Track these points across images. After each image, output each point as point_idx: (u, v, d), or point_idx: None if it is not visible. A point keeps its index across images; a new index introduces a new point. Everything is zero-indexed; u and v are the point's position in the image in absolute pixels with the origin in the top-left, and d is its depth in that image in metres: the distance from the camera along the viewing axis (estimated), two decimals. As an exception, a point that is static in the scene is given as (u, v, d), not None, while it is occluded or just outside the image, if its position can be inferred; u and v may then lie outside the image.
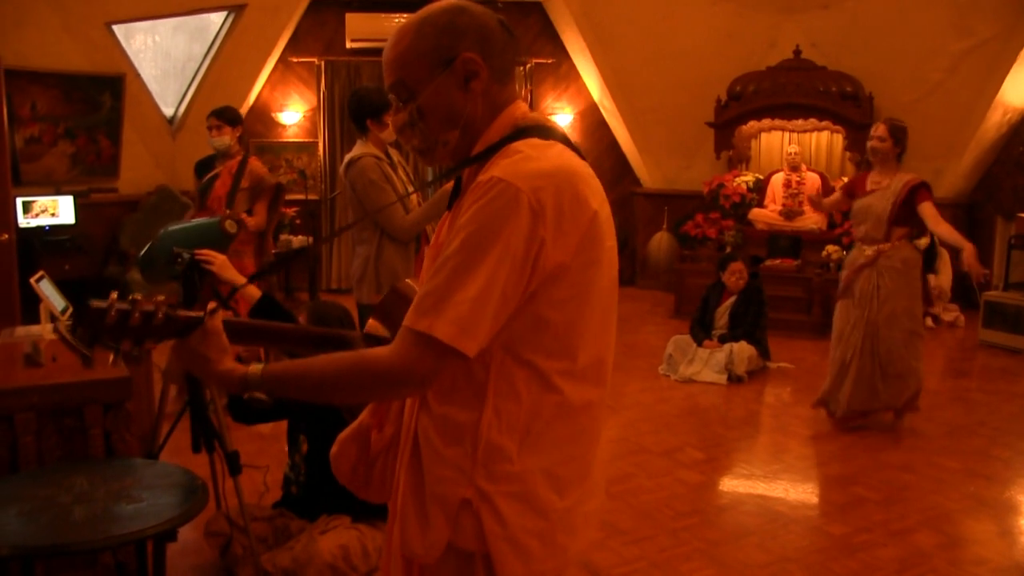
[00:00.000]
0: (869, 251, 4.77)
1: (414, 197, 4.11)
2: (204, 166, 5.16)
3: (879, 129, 4.73)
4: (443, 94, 1.43)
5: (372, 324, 1.63)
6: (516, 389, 1.37)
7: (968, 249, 4.37)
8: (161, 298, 1.38)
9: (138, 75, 7.98)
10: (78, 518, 2.14)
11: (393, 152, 4.16)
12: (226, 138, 5.00)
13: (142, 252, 4.15)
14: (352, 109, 4.04)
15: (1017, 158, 8.06)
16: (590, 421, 1.45)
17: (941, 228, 4.59)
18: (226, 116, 5.05)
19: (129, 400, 2.77)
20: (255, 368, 1.38)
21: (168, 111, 8.57)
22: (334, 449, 1.64)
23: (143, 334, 1.36)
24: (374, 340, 1.59)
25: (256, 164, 5.13)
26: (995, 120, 7.82)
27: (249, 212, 4.96)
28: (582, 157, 1.47)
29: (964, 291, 8.23)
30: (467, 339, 1.29)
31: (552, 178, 1.33)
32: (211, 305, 1.42)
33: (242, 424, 3.29)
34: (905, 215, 4.67)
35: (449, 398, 1.39)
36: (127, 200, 8.08)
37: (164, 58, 8.77)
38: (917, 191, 4.61)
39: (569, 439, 1.43)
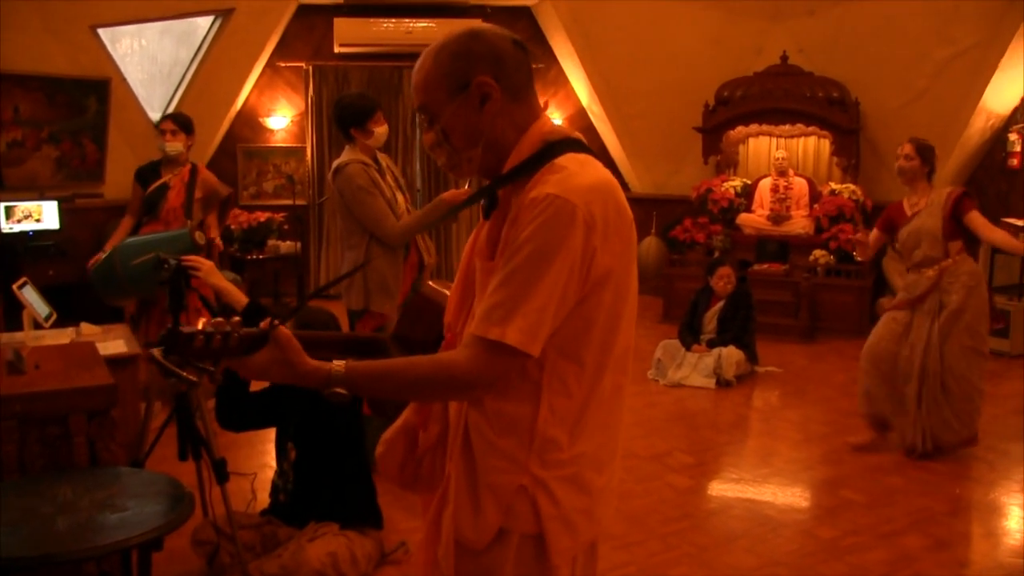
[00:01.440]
0: (931, 272, 4.48)
1: (402, 201, 4.10)
2: (147, 173, 5.01)
3: (905, 148, 4.52)
4: (461, 116, 1.55)
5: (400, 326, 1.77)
6: (567, 385, 1.51)
7: None
8: (236, 319, 1.45)
9: (124, 79, 7.94)
10: (61, 528, 2.11)
11: (382, 157, 4.16)
12: (180, 145, 4.91)
13: (95, 267, 4.07)
14: (336, 118, 4.03)
15: (1000, 164, 8.10)
16: (619, 404, 1.62)
17: (995, 235, 4.43)
18: (183, 122, 4.96)
19: (115, 408, 2.74)
20: (339, 365, 1.46)
21: (155, 116, 8.51)
22: (380, 449, 1.72)
23: (221, 355, 1.43)
24: (403, 342, 1.71)
25: (207, 174, 5.06)
26: (978, 126, 7.86)
27: (202, 223, 4.91)
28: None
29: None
30: (535, 343, 1.44)
31: (599, 192, 1.48)
32: (267, 320, 1.48)
33: (229, 431, 3.27)
34: (955, 228, 4.42)
35: (503, 395, 1.51)
36: (113, 205, 8.00)
37: (151, 62, 8.72)
38: (960, 201, 4.40)
39: (605, 423, 1.59)
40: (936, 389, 4.50)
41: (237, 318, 1.45)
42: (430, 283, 1.77)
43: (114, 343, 3.69)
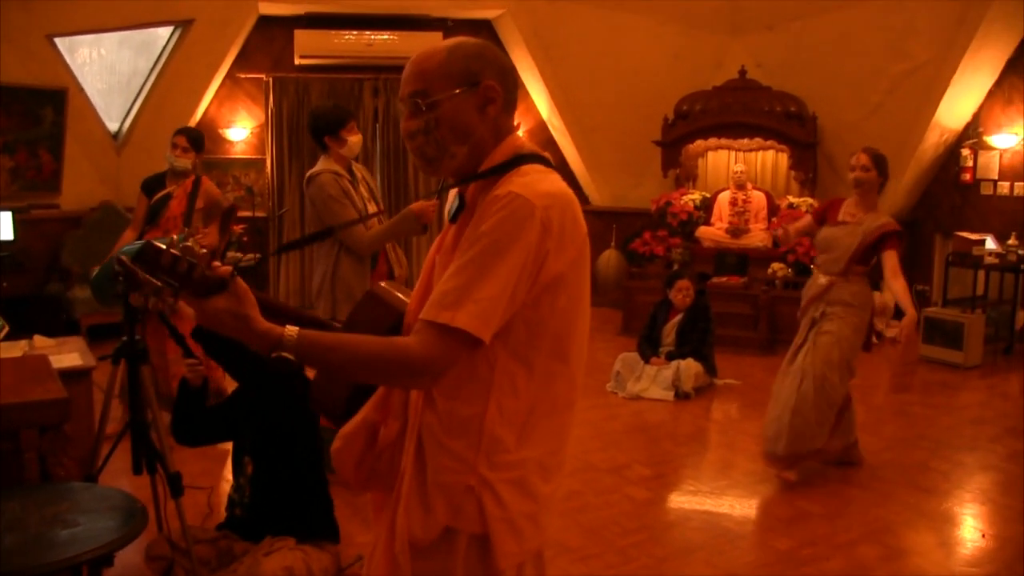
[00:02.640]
0: (823, 280, 4.49)
1: (374, 210, 4.14)
2: (153, 185, 5.04)
3: (860, 159, 4.40)
4: (462, 110, 1.61)
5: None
6: (516, 387, 1.56)
7: (910, 317, 4.18)
8: (205, 251, 1.46)
9: (82, 89, 7.84)
10: (8, 546, 2.07)
11: (358, 168, 4.21)
12: (188, 162, 4.95)
13: (94, 274, 4.09)
14: (310, 127, 4.11)
15: (953, 178, 8.28)
16: (570, 417, 1.67)
17: (897, 283, 4.28)
18: (196, 139, 5.01)
19: (67, 422, 2.70)
20: (291, 330, 1.47)
21: (113, 126, 8.42)
22: (337, 444, 1.71)
23: (183, 282, 1.44)
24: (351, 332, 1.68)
25: (210, 185, 5.09)
26: (932, 141, 8.02)
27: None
28: None
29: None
30: (485, 328, 1.47)
31: (558, 199, 1.55)
32: (229, 268, 1.49)
33: (185, 446, 3.23)
34: (868, 257, 4.40)
35: (455, 394, 1.55)
36: (70, 216, 7.91)
37: (109, 72, 8.62)
38: (888, 238, 4.33)
39: (554, 433, 1.63)
40: (806, 396, 4.41)
41: (205, 251, 1.47)
42: (382, 283, 1.79)
43: (68, 356, 3.63)
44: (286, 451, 3.01)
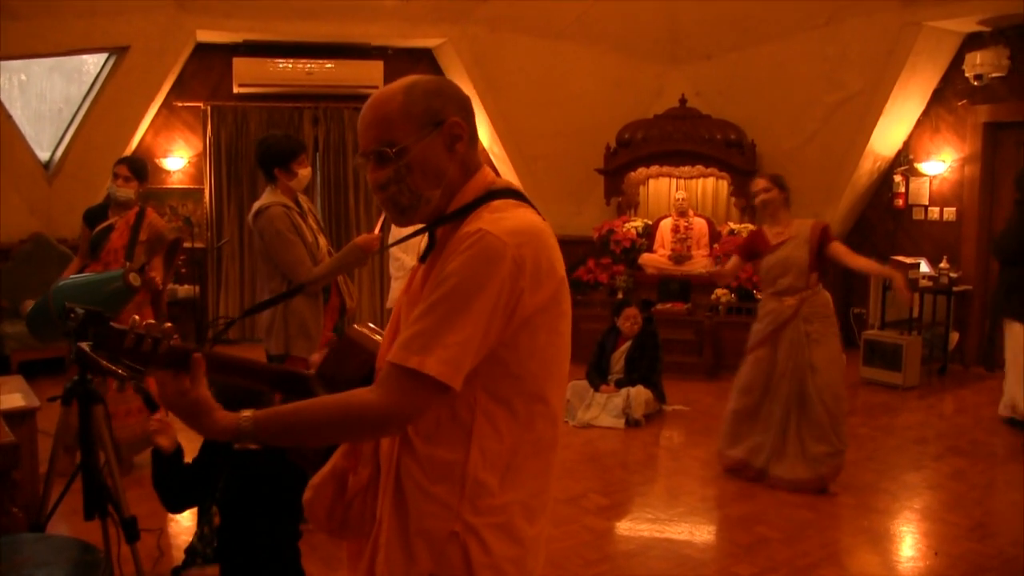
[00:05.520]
0: (791, 301, 4.69)
1: (324, 244, 4.06)
2: (96, 215, 4.90)
3: (760, 183, 4.76)
4: (431, 152, 1.53)
5: (315, 360, 1.71)
6: (498, 429, 1.50)
7: (898, 278, 4.53)
8: (169, 325, 1.41)
9: (9, 116, 7.58)
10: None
11: (303, 200, 4.13)
12: (131, 191, 4.81)
13: (31, 308, 3.95)
14: (259, 157, 4.00)
15: (887, 204, 8.52)
16: (553, 457, 1.62)
17: (860, 262, 4.72)
18: (137, 168, 4.88)
19: (16, 468, 2.56)
20: (246, 416, 1.42)
21: (44, 155, 8.15)
22: (307, 495, 1.67)
23: (149, 360, 1.39)
24: (329, 382, 1.65)
25: (154, 217, 4.95)
26: (867, 168, 8.25)
27: (143, 267, 4.75)
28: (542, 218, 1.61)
29: (844, 331, 8.60)
30: (455, 375, 1.41)
31: (532, 236, 1.49)
32: (195, 348, 1.44)
33: (177, 511, 3.06)
34: (821, 262, 4.67)
35: (435, 439, 1.49)
36: (-1, 249, 7.63)
37: (38, 100, 8.36)
38: (825, 233, 4.64)
39: (539, 473, 1.58)
40: (821, 422, 4.70)
41: (170, 324, 1.42)
42: (355, 326, 1.75)
43: (10, 396, 3.46)
44: (256, 503, 2.84)
